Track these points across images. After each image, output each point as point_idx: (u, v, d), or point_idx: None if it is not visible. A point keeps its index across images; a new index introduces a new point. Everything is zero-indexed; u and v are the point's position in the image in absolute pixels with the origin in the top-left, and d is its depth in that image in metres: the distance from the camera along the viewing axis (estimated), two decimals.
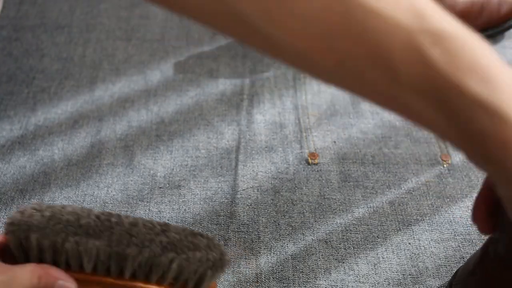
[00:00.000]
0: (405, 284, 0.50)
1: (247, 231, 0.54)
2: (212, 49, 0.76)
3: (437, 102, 0.30)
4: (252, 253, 0.52)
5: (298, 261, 0.52)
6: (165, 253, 0.38)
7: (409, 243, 0.53)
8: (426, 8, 0.31)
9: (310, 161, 0.61)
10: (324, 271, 0.51)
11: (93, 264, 0.39)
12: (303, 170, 0.60)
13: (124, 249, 0.38)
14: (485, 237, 0.53)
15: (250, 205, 0.56)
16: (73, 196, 0.57)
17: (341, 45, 0.31)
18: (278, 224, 0.55)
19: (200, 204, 0.57)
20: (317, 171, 0.60)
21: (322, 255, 0.52)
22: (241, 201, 0.57)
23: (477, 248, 0.52)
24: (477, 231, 0.54)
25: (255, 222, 0.55)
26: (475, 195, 0.57)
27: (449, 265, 0.51)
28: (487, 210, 0.38)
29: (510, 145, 0.29)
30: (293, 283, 0.50)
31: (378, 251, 0.52)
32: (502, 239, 0.40)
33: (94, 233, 0.38)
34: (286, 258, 0.52)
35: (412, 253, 0.52)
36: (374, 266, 0.51)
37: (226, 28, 0.35)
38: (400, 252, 0.52)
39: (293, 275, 0.51)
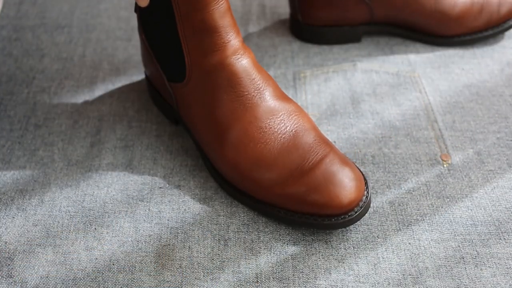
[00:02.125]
0: (405, 284, 0.50)
1: (247, 231, 0.54)
2: None
3: None
4: (252, 253, 0.52)
5: (298, 261, 0.52)
6: None
7: (409, 243, 0.53)
8: None
9: None
10: (324, 271, 0.51)
11: None
12: None
13: None
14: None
15: None
16: (73, 196, 0.57)
17: None
18: (278, 224, 0.55)
19: (200, 204, 0.57)
20: None
21: (322, 255, 0.52)
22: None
23: (477, 248, 0.52)
24: (477, 230, 0.54)
25: (255, 222, 0.55)
26: (475, 195, 0.57)
27: (449, 265, 0.51)
28: None
29: None
30: (293, 283, 0.50)
31: (378, 251, 0.52)
32: None
33: None
34: (286, 258, 0.52)
35: (412, 253, 0.52)
36: (374, 266, 0.51)
37: None
38: (400, 252, 0.52)
39: (293, 275, 0.51)
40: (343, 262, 0.51)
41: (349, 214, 0.51)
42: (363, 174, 0.54)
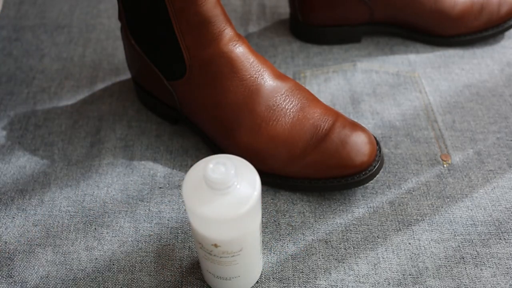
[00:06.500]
0: (405, 284, 0.50)
1: None
2: None
3: None
4: None
5: (298, 261, 0.52)
6: None
7: (409, 243, 0.53)
8: None
9: None
10: (324, 271, 0.51)
11: None
12: None
13: None
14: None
15: None
16: (73, 196, 0.57)
17: None
18: (278, 224, 0.55)
19: None
20: None
21: (322, 255, 0.52)
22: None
23: (477, 248, 0.52)
24: (477, 230, 0.54)
25: None
26: (475, 195, 0.57)
27: (449, 265, 0.51)
28: None
29: None
30: (293, 283, 0.50)
31: (378, 251, 0.52)
32: None
33: None
34: (286, 258, 0.52)
35: (412, 253, 0.52)
36: (374, 266, 0.51)
37: None
38: (400, 252, 0.52)
39: (293, 275, 0.51)
40: (343, 262, 0.51)
41: (369, 169, 0.54)
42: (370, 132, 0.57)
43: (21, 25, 0.81)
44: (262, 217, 0.55)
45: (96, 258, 0.52)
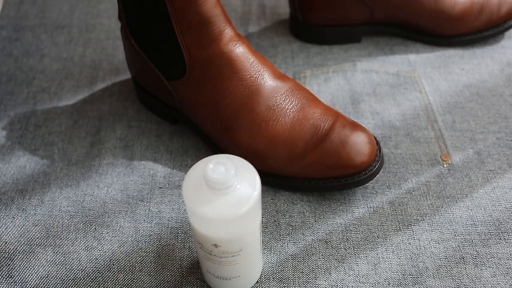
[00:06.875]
0: (405, 284, 0.50)
1: None
2: None
3: None
4: None
5: (298, 261, 0.52)
6: None
7: (409, 243, 0.53)
8: None
9: None
10: (324, 271, 0.51)
11: None
12: None
13: None
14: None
15: None
16: (73, 196, 0.57)
17: None
18: (278, 224, 0.55)
19: None
20: None
21: (322, 255, 0.52)
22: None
23: (477, 248, 0.52)
24: (477, 230, 0.54)
25: None
26: (475, 195, 0.57)
27: (449, 265, 0.51)
28: None
29: None
30: (293, 283, 0.50)
31: (378, 251, 0.52)
32: None
33: None
34: (286, 258, 0.52)
35: (412, 253, 0.52)
36: (374, 266, 0.51)
37: None
38: (400, 252, 0.52)
39: (293, 275, 0.51)
40: (343, 262, 0.51)
41: (369, 169, 0.54)
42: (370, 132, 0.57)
43: (21, 25, 0.81)
44: (262, 217, 0.55)
45: (96, 258, 0.52)
